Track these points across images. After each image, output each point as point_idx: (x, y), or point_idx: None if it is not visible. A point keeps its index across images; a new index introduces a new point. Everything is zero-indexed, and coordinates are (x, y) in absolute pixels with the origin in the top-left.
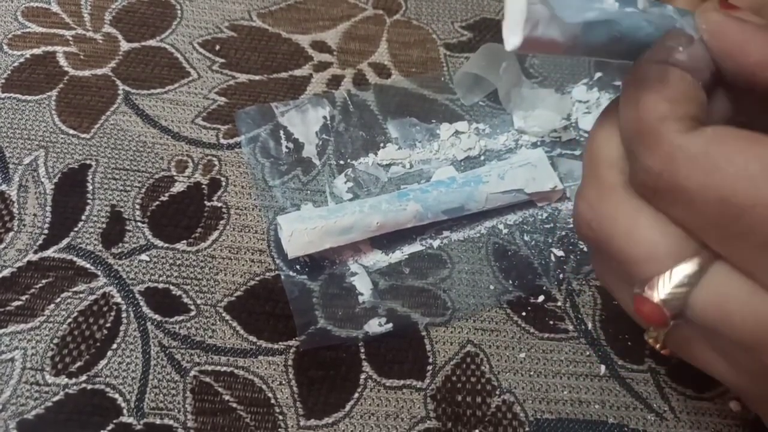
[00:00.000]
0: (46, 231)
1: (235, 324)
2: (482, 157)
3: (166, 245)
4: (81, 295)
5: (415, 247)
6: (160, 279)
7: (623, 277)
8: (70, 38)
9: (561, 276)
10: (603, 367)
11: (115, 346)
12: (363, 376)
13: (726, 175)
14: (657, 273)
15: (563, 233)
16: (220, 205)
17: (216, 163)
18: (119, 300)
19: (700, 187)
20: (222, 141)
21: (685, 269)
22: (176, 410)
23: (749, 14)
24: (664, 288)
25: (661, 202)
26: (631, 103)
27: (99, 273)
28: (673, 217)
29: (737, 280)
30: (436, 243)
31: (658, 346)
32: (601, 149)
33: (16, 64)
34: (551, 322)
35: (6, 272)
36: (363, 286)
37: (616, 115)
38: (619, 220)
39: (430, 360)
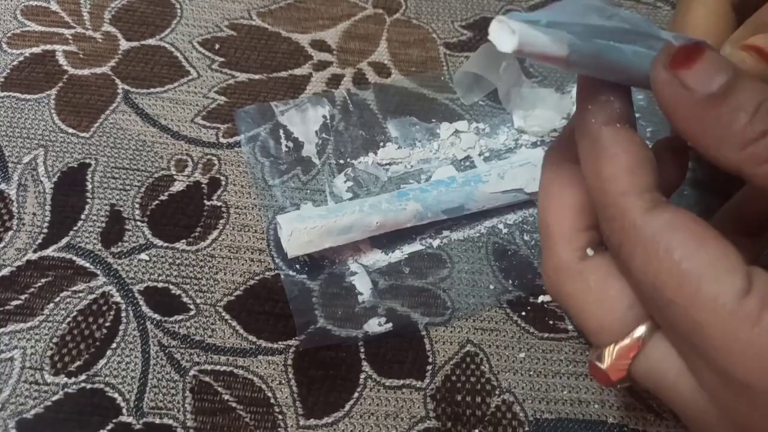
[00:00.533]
0: (45, 230)
1: (234, 323)
2: (482, 157)
3: (166, 244)
4: (80, 295)
5: (415, 246)
6: (160, 278)
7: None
8: (70, 37)
9: None
10: None
11: (114, 345)
12: (363, 375)
13: (661, 266)
14: (605, 345)
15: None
16: (219, 204)
17: (215, 162)
18: (119, 299)
19: (641, 269)
20: (222, 140)
21: (624, 344)
22: (176, 410)
23: (710, 69)
24: (608, 359)
25: (622, 268)
26: (593, 173)
27: (98, 272)
28: (629, 283)
29: (671, 357)
30: (436, 243)
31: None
32: (553, 224)
33: (15, 62)
34: (551, 322)
35: (5, 271)
36: (363, 285)
37: (562, 181)
38: (572, 296)
39: (430, 360)
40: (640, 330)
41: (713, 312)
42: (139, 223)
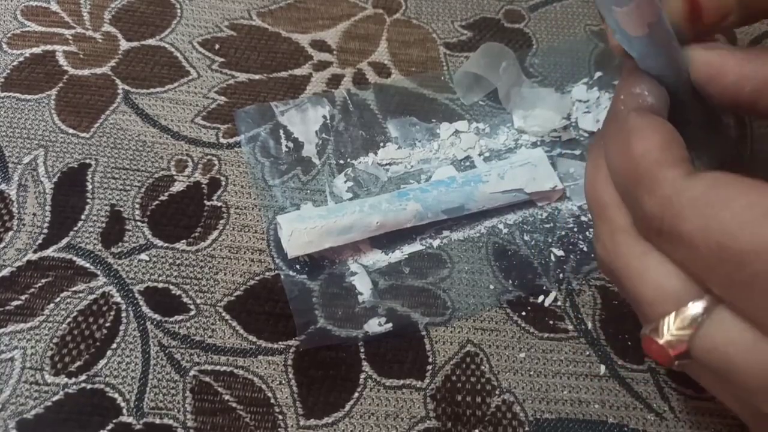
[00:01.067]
0: (45, 230)
1: (234, 324)
2: (482, 157)
3: (166, 245)
4: (80, 295)
5: (415, 246)
6: (160, 278)
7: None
8: (70, 37)
9: (561, 276)
10: (603, 367)
11: (114, 345)
12: (363, 375)
13: (725, 220)
14: (663, 315)
15: (563, 233)
16: (219, 204)
17: (216, 162)
18: (119, 299)
19: (700, 232)
20: (222, 140)
21: (688, 313)
22: (176, 410)
23: (724, 45)
24: (668, 330)
25: (664, 245)
26: (622, 153)
27: (98, 272)
28: (676, 260)
29: (740, 326)
30: (436, 243)
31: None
32: (604, 192)
33: (15, 63)
34: (551, 322)
35: (5, 272)
36: (363, 285)
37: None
38: (630, 261)
39: (430, 360)
40: (706, 298)
41: None
42: (139, 223)
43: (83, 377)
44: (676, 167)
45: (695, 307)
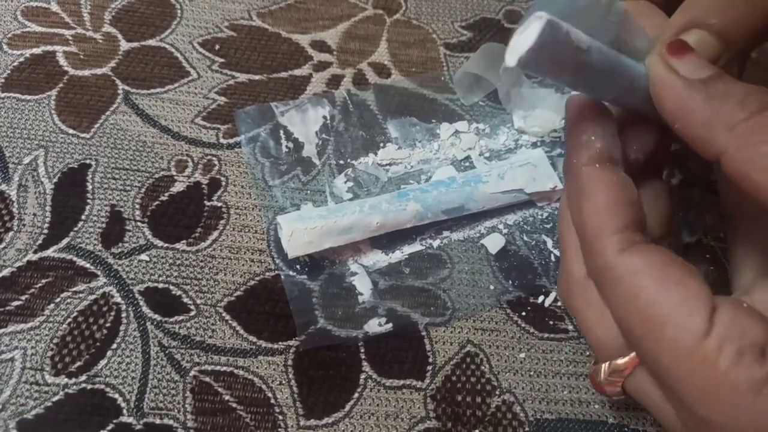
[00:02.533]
0: (45, 231)
1: (234, 324)
2: (482, 157)
3: (166, 245)
4: (81, 295)
5: (415, 247)
6: (160, 279)
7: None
8: (70, 38)
9: None
10: None
11: (114, 345)
12: (363, 376)
13: (630, 308)
14: (603, 360)
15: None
16: (219, 204)
17: (216, 162)
18: (119, 300)
19: (614, 307)
20: (222, 141)
21: (616, 367)
22: (176, 410)
23: (699, 61)
24: (603, 375)
25: (603, 298)
26: (574, 207)
27: (99, 273)
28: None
29: (652, 384)
30: (436, 243)
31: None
32: (567, 239)
33: (15, 63)
34: (551, 322)
35: (6, 272)
36: (363, 286)
37: None
38: (579, 309)
39: (430, 360)
40: (629, 356)
41: (675, 354)
42: (139, 223)
43: (83, 377)
44: (612, 240)
45: (622, 364)
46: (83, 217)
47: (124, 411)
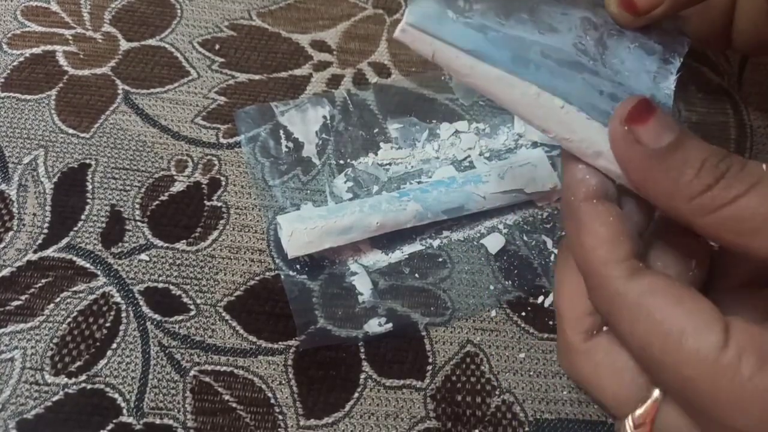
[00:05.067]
0: (45, 230)
1: (234, 324)
2: (482, 157)
3: (166, 245)
4: (81, 295)
5: (415, 247)
6: (160, 279)
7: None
8: (70, 37)
9: None
10: None
11: (114, 345)
12: (363, 376)
13: (646, 328)
14: (623, 416)
15: (563, 233)
16: (219, 204)
17: (216, 162)
18: (119, 300)
19: (629, 334)
20: (222, 140)
21: (640, 413)
22: (176, 410)
23: (661, 125)
24: (629, 429)
25: (618, 338)
26: (575, 246)
27: (99, 273)
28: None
29: (683, 420)
30: (436, 243)
31: None
32: (562, 309)
33: (15, 63)
34: (551, 322)
35: (5, 272)
36: (363, 285)
37: (569, 269)
38: (585, 377)
39: (430, 360)
40: (654, 395)
41: (697, 365)
42: (139, 223)
43: (83, 377)
44: (618, 266)
45: (645, 410)
46: (83, 216)
47: (124, 411)
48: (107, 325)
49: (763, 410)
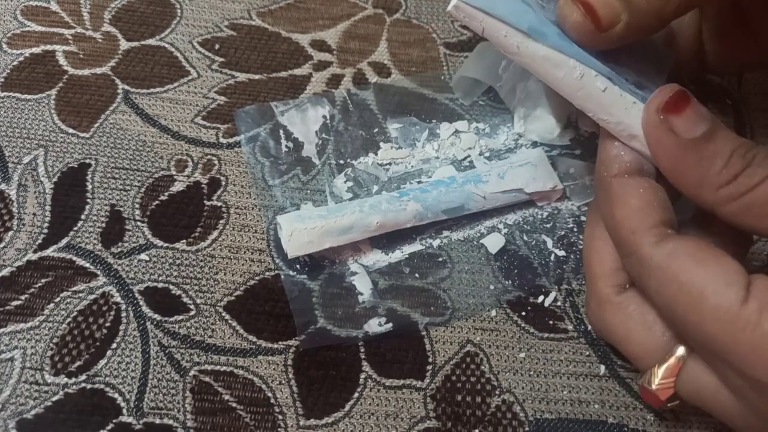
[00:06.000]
0: (45, 230)
1: (234, 323)
2: (482, 157)
3: (166, 245)
4: (80, 295)
5: (415, 246)
6: (160, 278)
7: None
8: (70, 37)
9: (561, 276)
10: (603, 367)
11: (114, 345)
12: (363, 375)
13: (671, 289)
14: (650, 367)
15: (563, 233)
16: (219, 204)
17: (216, 162)
18: (119, 299)
19: (656, 294)
20: (222, 140)
21: (667, 365)
22: (176, 410)
23: (696, 115)
24: (655, 380)
25: (645, 296)
26: (608, 218)
27: (98, 272)
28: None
29: (705, 374)
30: (436, 243)
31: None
32: (594, 265)
33: (15, 63)
34: (551, 322)
35: (5, 271)
36: (363, 285)
37: (602, 230)
38: (615, 327)
39: (430, 360)
40: (680, 350)
41: (719, 320)
42: (139, 223)
43: (83, 377)
44: (648, 234)
45: (672, 360)
46: (83, 216)
47: (124, 411)
48: (107, 325)
49: None
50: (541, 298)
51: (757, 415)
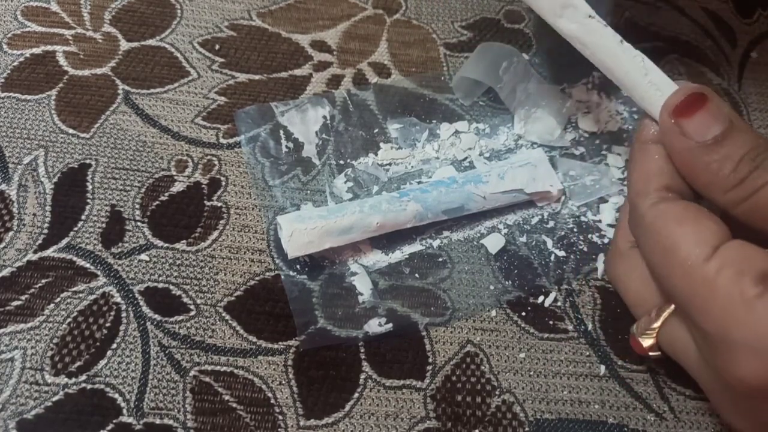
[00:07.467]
0: (45, 231)
1: (234, 324)
2: (482, 157)
3: (166, 245)
4: (81, 295)
5: (415, 247)
6: (160, 279)
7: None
8: (70, 38)
9: (561, 276)
10: (603, 367)
11: (114, 345)
12: (363, 376)
13: (655, 246)
14: (640, 317)
15: (563, 233)
16: (219, 204)
17: (216, 162)
18: (119, 300)
19: (642, 249)
20: (222, 141)
21: (653, 316)
22: (176, 410)
23: (708, 119)
24: (639, 329)
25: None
26: (627, 178)
27: (99, 273)
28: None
29: (682, 329)
30: (436, 243)
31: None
32: (622, 219)
33: (15, 63)
34: (551, 322)
35: (5, 272)
36: (363, 286)
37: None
38: (620, 275)
39: (430, 360)
40: (670, 308)
41: (682, 273)
42: (139, 223)
43: (83, 377)
44: (649, 196)
45: (658, 312)
46: (83, 217)
47: (124, 411)
48: (107, 325)
49: (727, 317)
50: (541, 299)
51: (709, 369)
